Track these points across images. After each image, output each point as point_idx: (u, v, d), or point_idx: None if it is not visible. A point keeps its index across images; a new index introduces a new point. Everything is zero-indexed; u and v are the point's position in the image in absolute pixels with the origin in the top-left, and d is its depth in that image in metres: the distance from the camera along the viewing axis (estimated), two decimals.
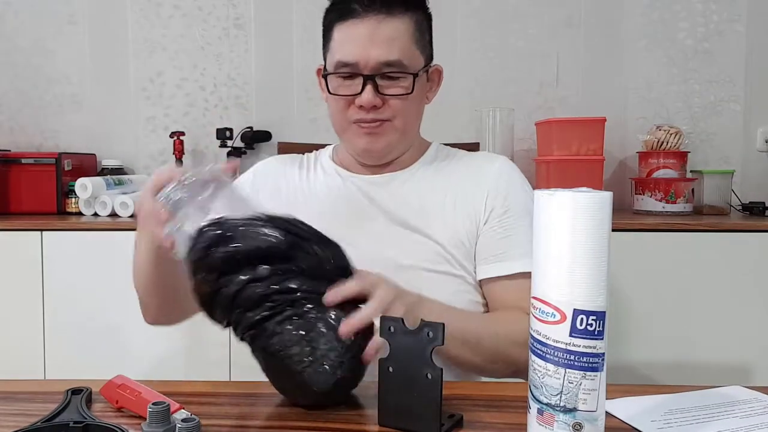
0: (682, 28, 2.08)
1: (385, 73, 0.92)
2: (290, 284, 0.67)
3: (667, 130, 1.91)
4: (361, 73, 0.92)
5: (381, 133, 0.96)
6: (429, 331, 0.62)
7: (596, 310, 0.54)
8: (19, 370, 1.70)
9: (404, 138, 1.00)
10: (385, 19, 0.91)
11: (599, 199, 0.53)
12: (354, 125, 0.96)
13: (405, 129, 0.98)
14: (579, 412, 0.55)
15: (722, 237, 1.64)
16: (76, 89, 2.20)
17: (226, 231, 0.69)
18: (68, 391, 0.70)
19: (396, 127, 0.96)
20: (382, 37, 0.91)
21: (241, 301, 0.67)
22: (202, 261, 0.69)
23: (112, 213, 1.86)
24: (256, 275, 0.67)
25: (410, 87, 0.93)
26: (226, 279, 0.67)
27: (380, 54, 0.91)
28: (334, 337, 0.67)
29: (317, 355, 0.66)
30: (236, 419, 0.68)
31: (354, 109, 0.95)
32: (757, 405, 0.71)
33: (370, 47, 0.91)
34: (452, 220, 0.97)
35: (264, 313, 0.67)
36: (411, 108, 0.97)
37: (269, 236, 0.68)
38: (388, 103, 0.94)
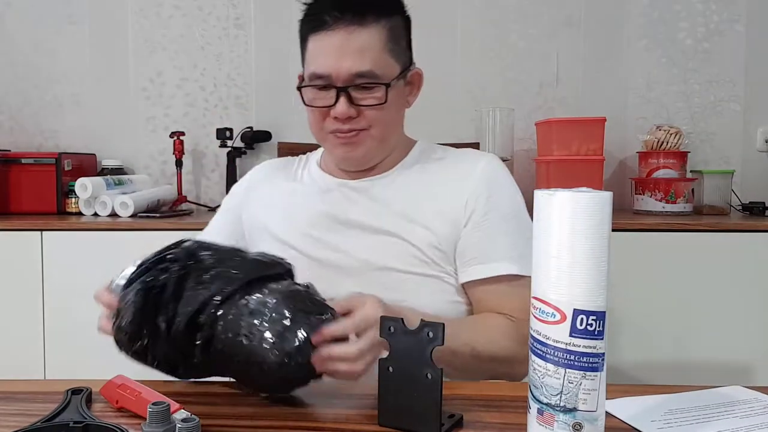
0: (682, 28, 2.08)
1: (358, 84, 0.92)
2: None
3: (667, 130, 1.91)
4: (334, 84, 0.92)
5: (358, 142, 0.96)
6: (429, 331, 0.62)
7: (596, 310, 0.54)
8: (19, 370, 1.70)
9: (383, 145, 0.99)
10: (357, 30, 0.91)
11: (599, 199, 0.53)
12: (331, 135, 0.96)
13: (383, 137, 0.98)
14: (579, 412, 0.55)
15: (722, 237, 1.64)
16: (76, 89, 2.21)
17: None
18: (68, 391, 0.70)
19: (373, 135, 0.96)
20: (354, 48, 0.91)
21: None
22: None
23: (112, 213, 1.86)
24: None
25: (384, 97, 0.93)
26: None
27: (352, 65, 0.91)
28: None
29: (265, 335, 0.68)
30: (236, 419, 0.68)
31: (330, 120, 0.95)
32: (757, 405, 0.71)
33: (341, 59, 0.90)
34: (432, 223, 0.96)
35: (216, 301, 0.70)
36: (388, 116, 0.96)
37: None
38: (363, 114, 0.94)
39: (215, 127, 2.11)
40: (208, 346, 0.70)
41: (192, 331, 0.70)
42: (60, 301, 1.71)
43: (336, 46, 0.91)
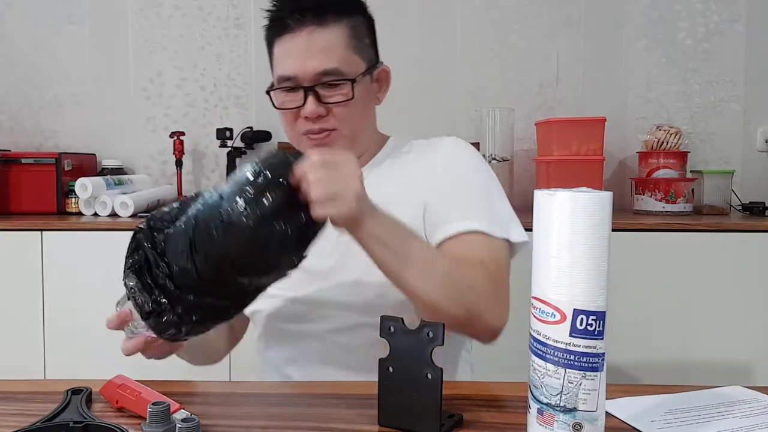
0: (682, 28, 2.08)
1: (325, 82, 0.93)
2: None
3: (667, 130, 1.91)
4: (301, 85, 0.93)
5: (329, 143, 0.97)
6: (429, 331, 0.62)
7: (596, 310, 0.54)
8: (19, 370, 1.70)
9: (355, 144, 1.00)
10: (318, 30, 0.93)
11: (599, 199, 0.53)
12: (305, 137, 0.97)
13: (353, 135, 0.99)
14: (579, 412, 0.54)
15: (722, 237, 1.64)
16: (76, 89, 2.20)
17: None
18: (68, 391, 0.70)
19: (344, 135, 0.97)
20: (318, 48, 0.93)
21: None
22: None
23: (112, 213, 1.86)
24: None
25: (350, 93, 0.94)
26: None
27: (317, 64, 0.92)
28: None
29: None
30: (236, 419, 0.68)
31: (302, 122, 0.96)
32: (757, 405, 0.71)
33: (306, 59, 0.93)
34: (401, 214, 0.93)
35: None
36: (356, 114, 0.97)
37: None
38: (332, 112, 0.95)
39: (215, 127, 2.11)
40: (204, 257, 0.69)
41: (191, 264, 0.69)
42: (60, 301, 1.71)
43: (300, 47, 0.93)
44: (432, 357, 0.62)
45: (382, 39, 1.06)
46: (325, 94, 0.94)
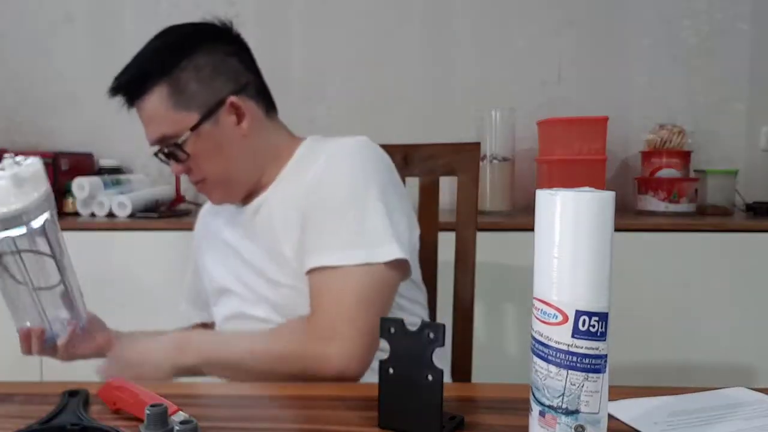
0: (686, 27, 2.08)
1: (164, 146, 0.97)
2: None
3: (670, 129, 1.90)
4: (155, 150, 0.99)
5: (208, 191, 1.01)
6: (429, 333, 0.61)
7: (599, 311, 0.53)
8: (16, 371, 1.69)
9: (235, 182, 1.00)
10: (141, 100, 0.97)
11: (601, 199, 0.53)
12: (195, 189, 1.03)
13: (227, 177, 0.99)
14: (581, 414, 0.54)
15: (726, 237, 1.63)
16: (72, 88, 2.20)
17: None
18: (65, 393, 0.70)
19: (215, 181, 0.99)
20: (145, 118, 0.98)
21: None
22: None
23: (109, 213, 1.85)
24: None
25: (183, 154, 0.96)
26: None
27: (150, 133, 0.98)
28: None
29: None
30: (234, 421, 0.67)
31: (185, 177, 1.02)
32: (761, 407, 0.70)
33: (145, 131, 0.99)
34: (293, 232, 0.95)
35: None
36: (215, 160, 0.98)
37: None
38: (193, 165, 0.98)
39: None
40: None
41: None
42: None
43: (140, 119, 0.99)
44: (432, 358, 0.61)
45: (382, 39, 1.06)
46: (172, 156, 0.98)
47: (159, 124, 0.95)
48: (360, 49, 2.10)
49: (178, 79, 0.96)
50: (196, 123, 0.95)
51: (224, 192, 1.01)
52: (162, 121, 0.95)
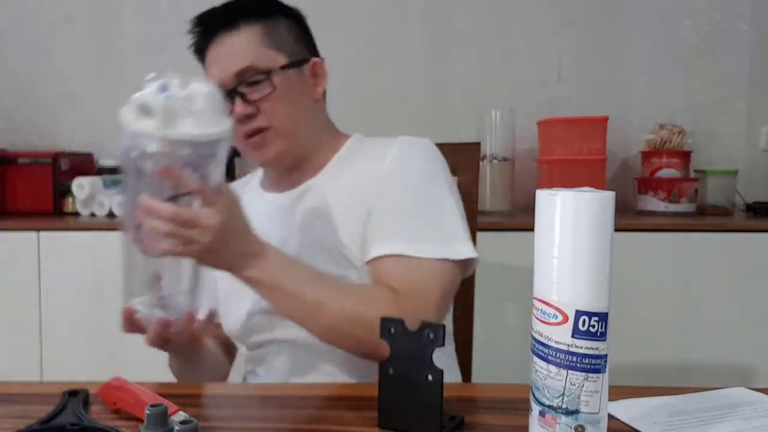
0: (686, 27, 2.08)
1: (245, 81, 0.94)
2: None
3: (670, 129, 1.90)
4: (224, 89, 0.93)
5: (265, 143, 0.97)
6: (429, 333, 0.61)
7: (599, 311, 0.53)
8: (16, 371, 1.70)
9: (295, 142, 0.98)
10: (229, 35, 0.94)
11: (601, 199, 0.53)
12: (244, 143, 0.97)
13: (290, 132, 0.97)
14: (581, 414, 0.54)
15: (726, 237, 1.63)
16: (73, 88, 2.20)
17: None
18: (65, 393, 0.70)
19: (278, 133, 0.96)
20: (229, 52, 0.95)
21: None
22: None
23: (109, 213, 1.85)
24: None
25: (270, 86, 0.94)
26: None
27: (232, 67, 0.94)
28: None
29: None
30: (234, 421, 0.67)
31: (238, 127, 0.95)
32: (761, 407, 0.70)
33: (222, 63, 0.95)
34: (355, 221, 0.94)
35: None
36: (287, 109, 0.96)
37: None
38: (260, 110, 0.95)
39: None
40: None
41: None
42: (57, 302, 1.71)
43: (217, 55, 0.96)
44: (432, 359, 0.61)
45: (382, 39, 1.06)
46: (248, 92, 0.94)
47: (247, 57, 0.93)
48: (360, 49, 2.09)
49: (274, 25, 0.97)
50: (285, 63, 0.96)
51: (281, 149, 0.97)
52: (252, 54, 0.94)
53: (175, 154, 0.72)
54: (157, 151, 0.71)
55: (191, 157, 0.72)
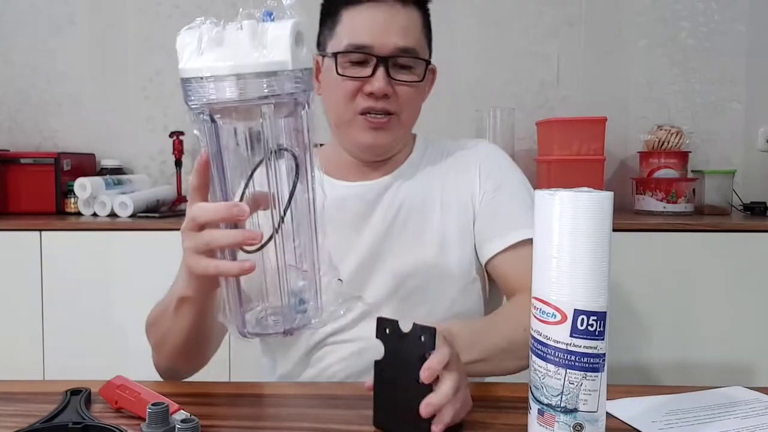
0: (684, 28, 2.08)
1: (399, 60, 0.90)
2: None
3: (668, 130, 1.91)
4: (375, 54, 0.89)
5: (387, 128, 0.92)
6: (422, 335, 0.61)
7: (597, 310, 0.54)
8: (18, 370, 1.70)
9: (406, 134, 0.99)
10: (401, 9, 0.90)
11: (600, 199, 0.53)
12: (360, 118, 0.91)
13: (408, 124, 0.97)
14: (580, 413, 0.54)
15: (723, 237, 1.64)
16: (75, 89, 2.20)
17: None
18: (67, 391, 0.70)
19: (402, 122, 0.94)
20: (399, 25, 0.90)
21: None
22: None
23: (111, 213, 1.85)
24: None
25: (422, 75, 0.93)
26: None
27: (397, 39, 0.89)
28: None
29: None
30: (235, 420, 0.68)
31: (362, 98, 0.91)
32: (758, 405, 0.70)
33: (387, 32, 0.89)
34: (449, 216, 0.96)
35: None
36: (417, 101, 0.96)
37: None
38: (397, 93, 0.91)
39: None
40: None
41: None
42: (59, 301, 1.71)
43: (381, 20, 0.89)
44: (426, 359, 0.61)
45: None
46: (395, 72, 0.91)
47: (412, 38, 0.91)
48: None
49: (427, 19, 0.96)
50: (429, 57, 0.96)
51: (396, 137, 0.96)
52: (417, 37, 0.92)
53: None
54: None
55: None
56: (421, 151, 1.03)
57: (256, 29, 0.60)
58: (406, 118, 0.94)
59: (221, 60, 0.59)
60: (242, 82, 0.58)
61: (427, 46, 0.96)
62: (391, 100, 0.91)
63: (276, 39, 0.59)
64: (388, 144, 0.96)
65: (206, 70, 0.60)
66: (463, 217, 0.96)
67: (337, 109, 0.94)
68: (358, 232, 0.96)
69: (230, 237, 0.63)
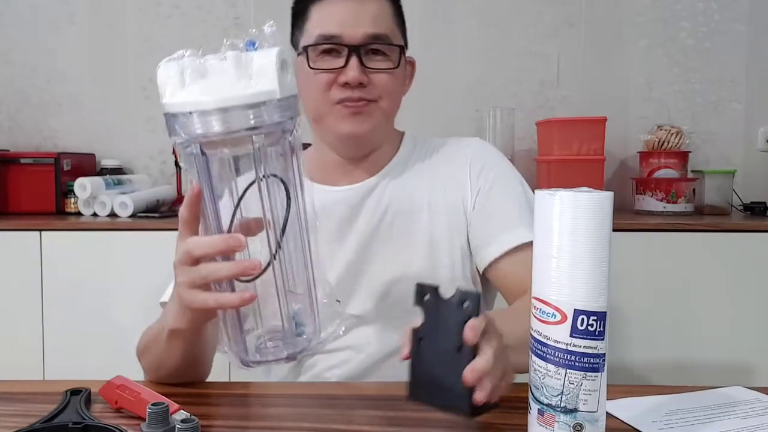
0: (683, 28, 2.08)
1: (371, 47, 0.89)
2: None
3: (668, 130, 1.91)
4: (346, 44, 0.88)
5: (367, 113, 0.90)
6: (466, 301, 0.58)
7: (597, 310, 0.54)
8: (18, 370, 1.70)
9: (387, 123, 0.96)
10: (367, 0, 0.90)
11: (600, 199, 0.53)
12: (337, 106, 0.89)
13: (389, 112, 0.94)
14: (580, 413, 0.54)
15: (723, 237, 1.64)
16: (75, 89, 2.20)
17: None
18: (67, 391, 0.70)
19: (382, 108, 0.92)
20: (368, 14, 0.89)
21: None
22: None
23: (111, 213, 1.85)
24: None
25: (397, 61, 0.91)
26: None
27: (367, 27, 0.88)
28: None
29: None
30: (235, 420, 0.68)
31: (337, 89, 0.89)
32: (758, 405, 0.70)
33: (355, 22, 0.88)
34: (438, 217, 0.94)
35: None
36: (395, 89, 0.94)
37: None
38: (373, 81, 0.89)
39: None
40: None
41: None
42: (59, 301, 1.71)
43: (350, 9, 0.89)
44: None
45: None
46: (369, 60, 0.89)
47: (383, 25, 0.90)
48: None
49: (398, 8, 0.95)
50: (403, 44, 0.95)
51: (378, 123, 0.92)
52: (388, 23, 0.91)
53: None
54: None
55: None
56: (409, 149, 1.01)
57: (241, 59, 0.59)
58: (385, 105, 0.92)
59: (207, 93, 0.59)
60: (229, 114, 0.58)
61: (400, 35, 0.95)
62: (368, 89, 0.89)
63: (262, 68, 0.58)
64: (369, 132, 0.92)
65: (192, 104, 0.59)
66: (454, 218, 0.94)
67: (314, 104, 0.92)
68: (344, 238, 0.94)
69: (229, 269, 0.62)
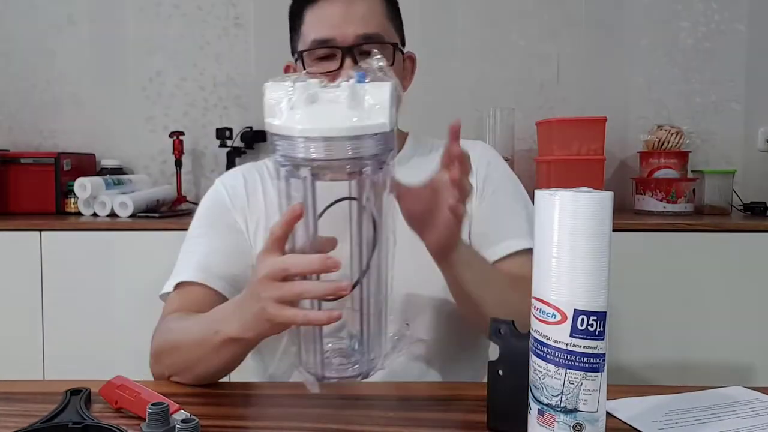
0: (683, 28, 2.08)
1: (364, 47, 0.89)
2: None
3: (668, 130, 1.91)
4: (338, 46, 0.88)
5: None
6: None
7: (597, 310, 0.54)
8: (18, 370, 1.70)
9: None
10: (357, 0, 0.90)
11: (600, 199, 0.53)
12: None
13: None
14: (580, 413, 0.54)
15: (723, 237, 1.64)
16: (75, 89, 2.20)
17: None
18: (67, 391, 0.70)
19: None
20: (358, 15, 0.89)
21: None
22: None
23: (111, 213, 1.85)
24: None
25: (391, 59, 0.91)
26: None
27: (357, 28, 0.89)
28: None
29: None
30: (235, 420, 0.68)
31: None
32: (758, 405, 0.70)
33: (346, 23, 0.89)
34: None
35: None
36: None
37: None
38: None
39: (215, 127, 2.11)
40: None
41: None
42: (59, 301, 1.71)
43: (339, 12, 0.89)
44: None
45: None
46: (362, 61, 0.86)
47: (374, 24, 0.90)
48: None
49: (392, 4, 0.96)
50: (399, 40, 0.95)
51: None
52: (380, 22, 0.91)
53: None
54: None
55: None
56: (412, 149, 1.02)
57: (357, 90, 0.61)
58: None
59: (317, 120, 0.60)
60: (335, 143, 0.59)
61: (395, 32, 0.95)
62: None
63: (377, 100, 0.61)
64: None
65: (301, 130, 0.60)
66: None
67: None
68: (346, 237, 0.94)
69: (325, 289, 0.63)
